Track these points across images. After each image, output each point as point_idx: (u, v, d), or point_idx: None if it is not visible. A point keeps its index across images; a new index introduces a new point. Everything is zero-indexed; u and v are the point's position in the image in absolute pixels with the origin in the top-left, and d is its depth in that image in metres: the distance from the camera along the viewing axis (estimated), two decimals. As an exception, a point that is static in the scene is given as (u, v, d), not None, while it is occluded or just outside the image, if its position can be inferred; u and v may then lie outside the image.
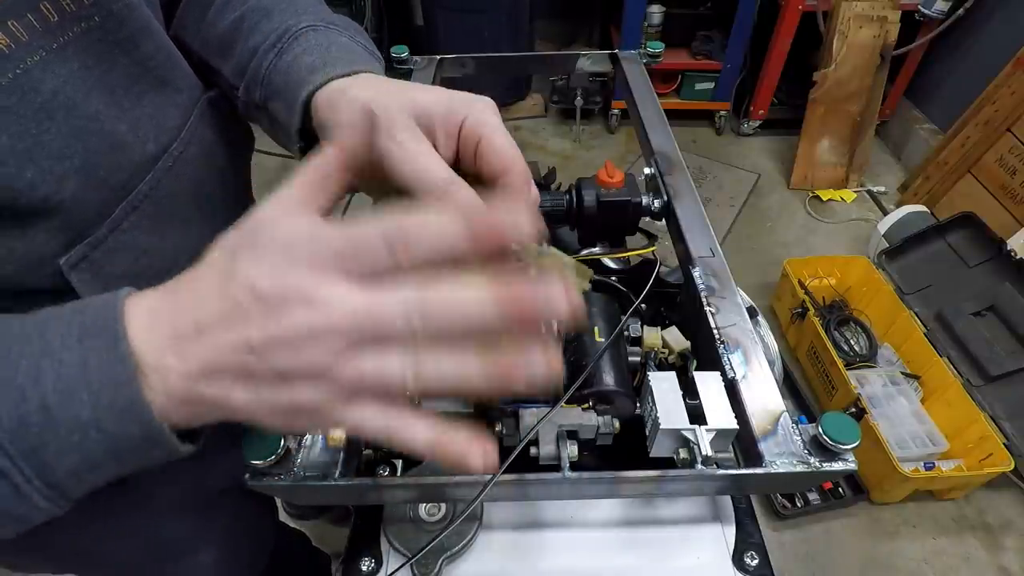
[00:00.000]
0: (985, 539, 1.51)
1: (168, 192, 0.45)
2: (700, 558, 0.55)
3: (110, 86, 0.40)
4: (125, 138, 0.41)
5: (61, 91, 0.37)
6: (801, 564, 1.47)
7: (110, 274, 0.41)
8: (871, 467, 1.50)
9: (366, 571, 0.54)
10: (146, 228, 0.43)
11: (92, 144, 0.39)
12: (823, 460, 0.43)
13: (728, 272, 0.57)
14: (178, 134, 0.46)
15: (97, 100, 0.39)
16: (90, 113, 0.38)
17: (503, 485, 0.44)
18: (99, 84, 0.39)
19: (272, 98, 0.45)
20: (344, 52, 0.44)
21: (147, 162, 0.43)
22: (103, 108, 0.39)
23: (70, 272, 0.39)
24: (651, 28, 2.53)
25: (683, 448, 0.45)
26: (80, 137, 0.38)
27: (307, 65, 0.43)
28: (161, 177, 0.44)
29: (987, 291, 1.70)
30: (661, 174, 0.68)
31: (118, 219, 0.41)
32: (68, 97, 0.37)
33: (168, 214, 0.45)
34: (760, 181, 2.57)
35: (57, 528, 0.56)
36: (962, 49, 2.36)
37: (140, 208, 0.43)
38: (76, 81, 0.38)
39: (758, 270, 2.17)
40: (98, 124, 0.39)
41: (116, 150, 0.41)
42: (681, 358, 0.59)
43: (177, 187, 0.46)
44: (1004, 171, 1.99)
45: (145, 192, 0.43)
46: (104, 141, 0.40)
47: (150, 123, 0.43)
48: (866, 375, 1.69)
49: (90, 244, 0.40)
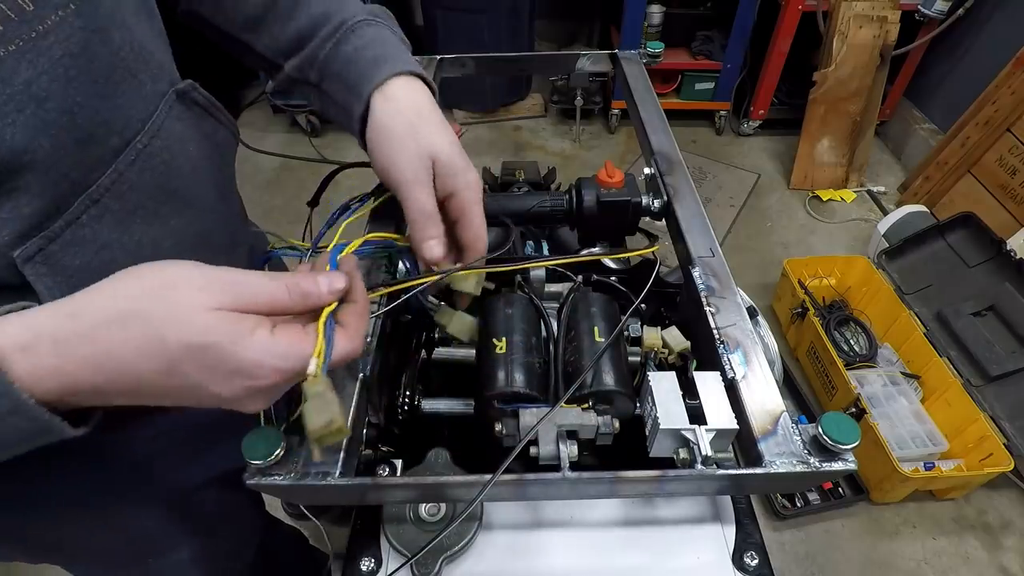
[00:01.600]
0: (985, 539, 1.51)
1: (132, 186, 0.44)
2: (700, 558, 0.55)
3: (93, 75, 0.40)
4: (95, 132, 0.41)
5: (35, 82, 0.36)
6: (801, 564, 1.47)
7: (68, 267, 0.41)
8: (871, 467, 1.50)
9: (366, 571, 0.53)
10: (108, 222, 0.43)
11: (59, 139, 0.38)
12: (823, 460, 0.43)
13: (728, 272, 0.57)
14: (143, 127, 0.45)
15: (76, 91, 0.38)
16: (64, 106, 0.38)
17: (503, 485, 0.44)
18: (83, 74, 0.39)
19: (328, 80, 0.56)
20: (394, 49, 0.56)
21: (108, 155, 0.43)
22: (81, 99, 0.39)
23: (24, 265, 0.39)
24: (651, 28, 2.53)
25: (683, 448, 0.45)
26: (47, 131, 0.37)
27: (369, 59, 0.54)
28: (123, 170, 0.43)
29: (987, 291, 1.70)
30: (661, 174, 0.68)
31: (76, 212, 0.41)
32: (42, 88, 0.36)
33: (132, 208, 0.45)
34: (760, 181, 2.57)
35: (31, 520, 0.56)
36: (962, 49, 2.36)
37: (101, 202, 0.42)
38: (57, 70, 0.37)
39: (758, 270, 2.16)
40: (69, 118, 0.38)
41: (82, 145, 0.40)
42: (681, 358, 0.59)
43: (141, 180, 0.45)
44: (1004, 171, 1.99)
45: (107, 186, 0.42)
46: (71, 135, 0.39)
47: (119, 115, 0.43)
48: (866, 375, 1.69)
49: (46, 237, 0.39)
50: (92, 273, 0.42)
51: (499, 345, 0.56)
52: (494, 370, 0.54)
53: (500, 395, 0.54)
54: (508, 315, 0.60)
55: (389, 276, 0.57)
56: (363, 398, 0.50)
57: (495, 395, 0.54)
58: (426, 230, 0.50)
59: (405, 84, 0.53)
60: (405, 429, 0.60)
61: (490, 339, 0.57)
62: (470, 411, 0.58)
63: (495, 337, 0.57)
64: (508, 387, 0.53)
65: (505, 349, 0.56)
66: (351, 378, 0.49)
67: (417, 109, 0.53)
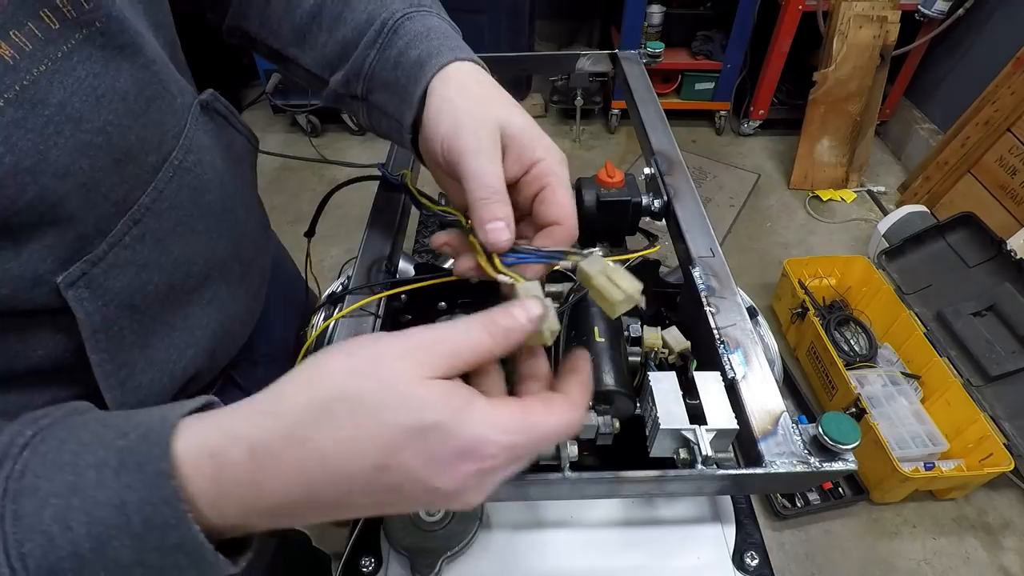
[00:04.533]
0: (985, 539, 1.51)
1: (171, 203, 0.43)
2: (700, 558, 0.55)
3: (121, 92, 0.39)
4: (131, 150, 0.40)
5: (68, 103, 0.35)
6: (801, 564, 1.47)
7: (109, 290, 0.40)
8: (871, 467, 1.50)
9: (366, 571, 0.54)
10: (149, 242, 0.42)
11: (98, 160, 0.37)
12: (823, 460, 0.43)
13: (728, 272, 0.57)
14: (177, 142, 0.44)
15: (107, 110, 0.37)
16: (98, 126, 0.37)
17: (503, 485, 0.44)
18: (110, 92, 0.38)
19: (376, 91, 0.49)
20: (441, 37, 0.48)
21: (147, 173, 0.42)
22: (114, 118, 0.38)
23: (67, 290, 0.37)
24: (651, 28, 2.53)
25: (683, 448, 0.45)
26: (86, 152, 0.36)
27: (414, 60, 0.46)
28: (163, 188, 0.43)
29: (987, 291, 1.70)
30: (661, 174, 0.68)
31: (119, 234, 0.40)
32: (76, 109, 0.35)
33: (171, 226, 0.44)
34: (760, 181, 2.57)
35: None
36: (962, 49, 2.36)
37: (142, 221, 0.41)
38: (85, 90, 0.36)
39: (758, 270, 2.16)
40: (106, 137, 0.37)
41: (120, 164, 0.39)
42: (681, 358, 0.59)
43: (179, 197, 0.44)
44: (1004, 171, 1.99)
45: (147, 205, 0.41)
46: (110, 156, 0.38)
47: (155, 132, 0.42)
48: (866, 375, 1.69)
49: (89, 261, 0.38)
50: (131, 295, 0.41)
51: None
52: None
53: (500, 395, 0.53)
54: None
55: (389, 275, 0.57)
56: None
57: (495, 395, 0.54)
58: (490, 208, 0.40)
59: (462, 66, 0.46)
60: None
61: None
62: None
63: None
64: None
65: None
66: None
67: (480, 84, 0.45)
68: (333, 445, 0.28)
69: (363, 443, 0.28)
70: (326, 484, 0.28)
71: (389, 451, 0.28)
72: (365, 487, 0.28)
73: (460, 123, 0.42)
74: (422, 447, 0.28)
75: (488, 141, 0.41)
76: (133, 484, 0.26)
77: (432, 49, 0.46)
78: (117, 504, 0.26)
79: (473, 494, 0.31)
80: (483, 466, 0.29)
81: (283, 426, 0.28)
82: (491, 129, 0.41)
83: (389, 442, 0.28)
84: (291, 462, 0.28)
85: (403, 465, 0.28)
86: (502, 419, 0.30)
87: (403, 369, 0.29)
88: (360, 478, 0.28)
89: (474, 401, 0.30)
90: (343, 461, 0.28)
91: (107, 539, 0.25)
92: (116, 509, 0.26)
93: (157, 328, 0.45)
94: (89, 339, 0.39)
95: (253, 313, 0.59)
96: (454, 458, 0.28)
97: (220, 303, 0.50)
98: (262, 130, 2.77)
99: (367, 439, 0.28)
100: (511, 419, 0.30)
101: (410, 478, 0.28)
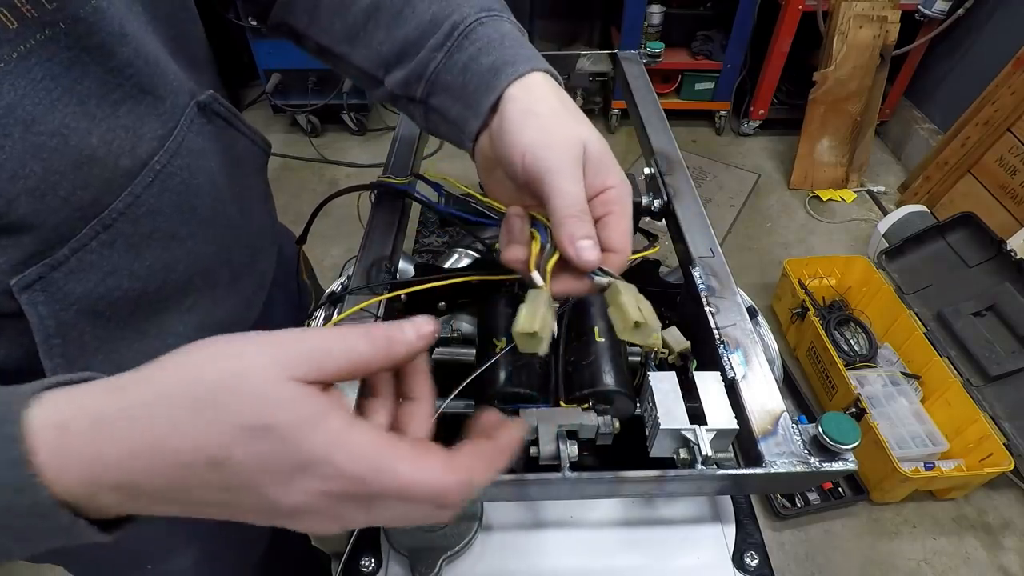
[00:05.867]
0: (985, 539, 1.51)
1: (149, 209, 0.42)
2: (700, 558, 0.55)
3: (81, 96, 0.37)
4: (95, 153, 0.38)
5: (18, 105, 0.34)
6: (801, 564, 1.47)
7: (69, 295, 0.39)
8: (871, 467, 1.50)
9: (366, 571, 0.54)
10: (120, 248, 0.41)
11: (53, 162, 0.36)
12: (823, 460, 0.43)
13: (728, 272, 0.57)
14: (160, 145, 0.43)
15: (63, 112, 0.36)
16: (52, 128, 0.36)
17: (503, 485, 0.44)
18: (67, 94, 0.36)
19: (439, 94, 0.48)
20: (515, 45, 0.47)
21: (121, 177, 0.40)
22: (71, 121, 0.37)
23: (20, 294, 0.36)
24: (651, 28, 2.53)
25: (683, 448, 0.45)
26: (38, 155, 0.35)
27: (488, 67, 0.45)
28: (140, 193, 0.41)
29: (987, 291, 1.70)
30: (661, 174, 0.68)
31: (85, 239, 0.39)
32: (26, 112, 0.34)
33: (148, 232, 0.42)
34: (760, 181, 2.57)
35: None
36: (962, 49, 2.36)
37: (113, 227, 0.40)
38: (39, 93, 0.35)
39: (758, 270, 2.17)
40: (61, 139, 0.36)
41: (82, 167, 0.38)
42: (681, 358, 0.59)
43: (160, 203, 0.43)
44: (1004, 171, 1.99)
45: (120, 210, 0.40)
46: (67, 158, 0.37)
47: (125, 135, 0.40)
48: (866, 375, 1.69)
49: (48, 265, 0.37)
50: (95, 301, 0.40)
51: (499, 345, 0.56)
52: (494, 370, 0.54)
53: (500, 395, 0.54)
54: (508, 315, 0.59)
55: (389, 276, 0.57)
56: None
57: (495, 395, 0.54)
58: (582, 227, 0.40)
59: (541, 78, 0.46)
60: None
61: (490, 339, 0.57)
62: (470, 411, 0.58)
63: (495, 337, 0.57)
64: (508, 387, 0.53)
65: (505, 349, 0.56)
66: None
67: (561, 100, 0.45)
68: (169, 429, 0.26)
69: (198, 432, 0.26)
70: (162, 467, 0.27)
71: (221, 445, 0.26)
72: (201, 482, 0.27)
73: (550, 138, 0.42)
74: (256, 449, 0.26)
75: (576, 161, 0.42)
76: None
77: (508, 57, 0.45)
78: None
79: (318, 519, 0.28)
80: (325, 488, 0.27)
81: (128, 403, 0.27)
82: (579, 149, 0.42)
83: (223, 436, 0.26)
84: (126, 439, 0.27)
85: (236, 464, 0.26)
86: (353, 443, 0.27)
87: (262, 364, 0.27)
88: (195, 469, 0.27)
89: (330, 414, 0.27)
90: (176, 446, 0.26)
91: None
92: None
93: (126, 335, 0.44)
94: (43, 344, 0.39)
95: (245, 321, 0.58)
96: (291, 470, 0.26)
97: (203, 310, 0.49)
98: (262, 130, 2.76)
99: (202, 428, 0.26)
100: (363, 447, 0.27)
101: (244, 482, 0.27)
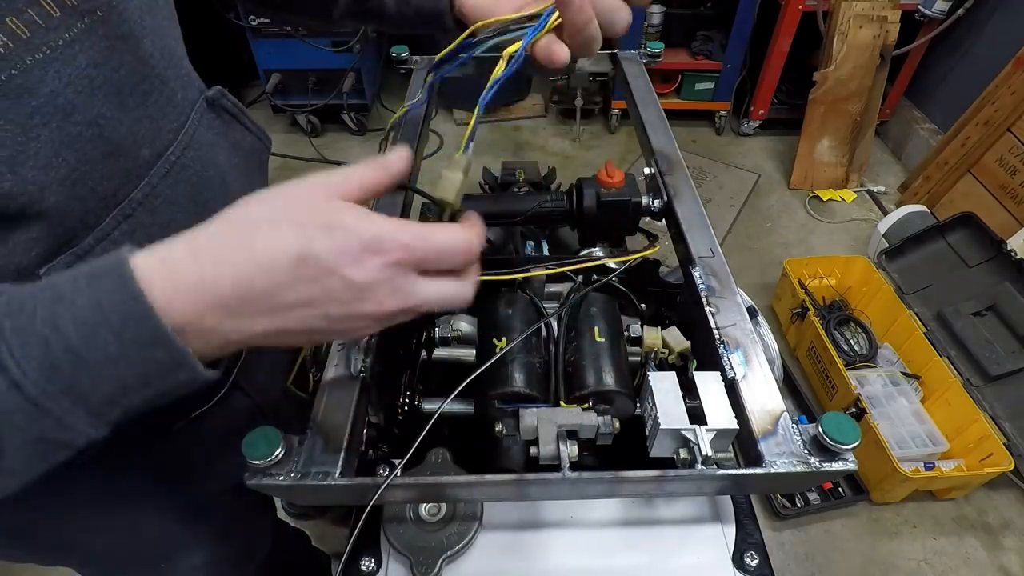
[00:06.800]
0: (985, 539, 1.51)
1: (165, 199, 0.43)
2: (700, 558, 0.55)
3: (117, 85, 0.38)
4: (122, 144, 0.40)
5: (61, 93, 0.35)
6: (801, 564, 1.47)
7: None
8: (871, 467, 1.50)
9: (366, 571, 0.54)
10: (139, 237, 0.42)
11: (86, 152, 0.37)
12: (823, 460, 0.43)
13: (728, 272, 0.57)
14: (175, 137, 0.44)
15: (101, 102, 0.37)
16: (90, 118, 0.37)
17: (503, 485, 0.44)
18: (107, 83, 0.37)
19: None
20: None
21: (140, 168, 0.42)
22: (106, 111, 0.38)
23: None
24: (651, 28, 2.53)
25: (683, 448, 0.45)
26: (73, 145, 0.36)
27: None
28: (157, 183, 0.42)
29: (987, 291, 1.70)
30: (661, 174, 0.68)
31: (107, 228, 0.40)
32: (68, 100, 0.35)
33: (165, 221, 0.44)
34: (760, 181, 2.57)
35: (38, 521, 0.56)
36: (962, 49, 2.36)
37: (133, 216, 0.41)
38: (82, 81, 0.36)
39: (758, 270, 2.16)
40: (96, 130, 0.37)
41: (109, 157, 0.39)
42: (681, 358, 0.59)
43: (175, 193, 0.44)
44: (1004, 171, 1.99)
45: (139, 200, 0.41)
46: (99, 149, 0.38)
47: (149, 126, 0.42)
48: (866, 375, 1.69)
49: (75, 254, 0.38)
50: None
51: (499, 345, 0.56)
52: (495, 370, 0.54)
53: (500, 395, 0.54)
54: (508, 315, 0.60)
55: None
56: (363, 398, 0.50)
57: (495, 395, 0.54)
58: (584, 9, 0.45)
59: None
60: (405, 429, 0.60)
61: (490, 339, 0.57)
62: (470, 411, 0.58)
63: (495, 337, 0.57)
64: (508, 387, 0.53)
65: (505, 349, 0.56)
66: (350, 379, 0.49)
67: None
68: (260, 239, 0.32)
69: (284, 236, 0.32)
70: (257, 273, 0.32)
71: (304, 242, 0.32)
72: (291, 279, 0.32)
73: None
74: (331, 240, 0.32)
75: None
76: (104, 287, 0.30)
77: None
78: (94, 305, 0.29)
79: (388, 290, 0.34)
80: (388, 259, 0.34)
81: (216, 229, 0.33)
82: None
83: (303, 235, 0.32)
84: (224, 257, 0.32)
85: (318, 253, 0.32)
86: (398, 225, 0.34)
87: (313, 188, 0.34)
88: (283, 267, 0.32)
89: (372, 213, 0.35)
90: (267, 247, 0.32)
91: (92, 335, 0.29)
92: (94, 309, 0.29)
93: None
94: None
95: None
96: (359, 251, 0.33)
97: None
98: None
99: (287, 232, 0.32)
100: (406, 226, 0.35)
101: (326, 268, 0.32)
